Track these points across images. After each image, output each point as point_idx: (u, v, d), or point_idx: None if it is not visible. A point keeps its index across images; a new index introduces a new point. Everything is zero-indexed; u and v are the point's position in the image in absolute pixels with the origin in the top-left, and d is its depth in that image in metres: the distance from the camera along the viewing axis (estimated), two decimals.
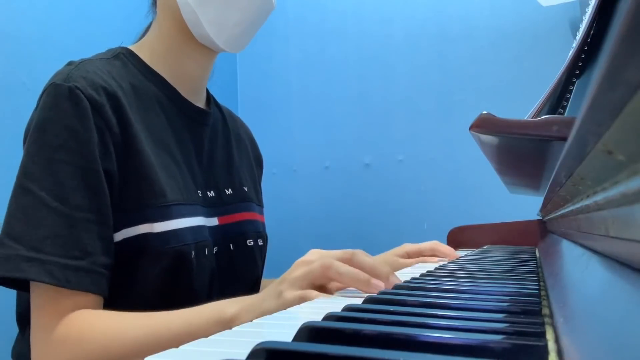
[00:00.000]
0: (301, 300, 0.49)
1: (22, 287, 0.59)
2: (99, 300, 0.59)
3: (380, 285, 0.49)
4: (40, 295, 0.56)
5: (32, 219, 0.56)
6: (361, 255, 0.52)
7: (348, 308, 0.35)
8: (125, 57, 0.70)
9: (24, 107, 0.63)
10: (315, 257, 0.52)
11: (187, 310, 0.55)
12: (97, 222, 0.58)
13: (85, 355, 0.53)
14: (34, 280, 0.55)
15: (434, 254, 0.87)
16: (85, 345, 0.54)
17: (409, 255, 0.89)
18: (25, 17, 1.31)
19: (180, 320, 0.54)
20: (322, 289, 0.54)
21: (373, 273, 0.50)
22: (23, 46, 1.30)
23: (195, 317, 0.54)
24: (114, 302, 0.60)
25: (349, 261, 0.51)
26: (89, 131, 0.59)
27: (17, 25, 1.29)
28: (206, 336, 0.51)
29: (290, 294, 0.49)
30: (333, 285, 0.53)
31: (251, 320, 0.49)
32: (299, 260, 0.54)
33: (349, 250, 0.52)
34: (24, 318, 0.67)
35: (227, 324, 0.51)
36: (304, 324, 0.28)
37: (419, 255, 0.89)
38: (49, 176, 0.57)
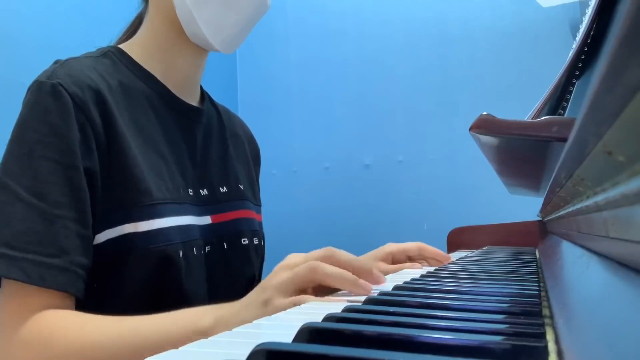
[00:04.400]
0: (294, 306, 0.47)
1: None
2: (72, 301, 0.57)
3: (368, 287, 0.48)
4: (10, 293, 0.55)
5: (7, 215, 0.54)
6: (341, 254, 0.51)
7: (348, 309, 0.35)
8: (114, 56, 0.70)
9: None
10: (297, 260, 0.51)
11: (158, 316, 0.53)
12: (75, 220, 0.57)
13: (53, 356, 0.52)
14: (5, 277, 0.54)
15: (421, 254, 0.81)
16: (55, 347, 0.52)
17: (394, 257, 0.81)
18: (25, 17, 1.31)
19: (152, 326, 0.52)
20: (302, 292, 0.53)
21: (357, 271, 0.50)
22: (23, 46, 1.30)
23: (170, 323, 0.52)
24: (101, 304, 0.58)
25: (331, 260, 0.50)
26: (70, 128, 0.58)
27: (17, 25, 1.29)
28: (179, 344, 0.49)
29: (281, 301, 0.48)
30: (311, 289, 0.52)
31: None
32: (280, 265, 0.52)
33: (328, 248, 0.51)
34: None
35: (202, 334, 0.49)
36: (304, 324, 0.28)
37: (404, 255, 0.82)
38: (27, 172, 0.56)
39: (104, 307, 0.57)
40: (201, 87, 0.82)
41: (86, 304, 0.59)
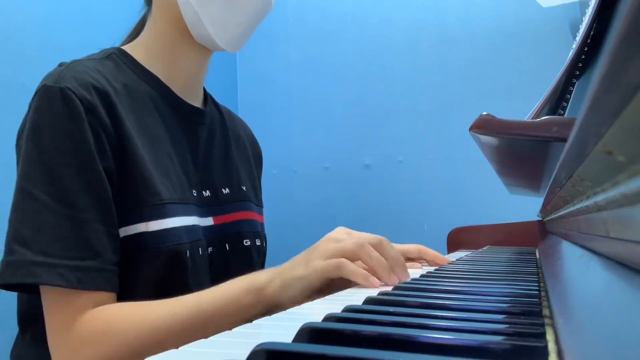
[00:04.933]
0: (335, 268, 0.52)
1: (30, 290, 0.59)
2: (113, 297, 0.59)
3: (396, 281, 0.54)
4: (54, 299, 0.56)
5: (38, 224, 0.56)
6: (387, 244, 0.57)
7: (348, 309, 0.35)
8: (117, 57, 0.70)
9: (24, 107, 0.63)
10: (344, 236, 0.56)
11: (216, 287, 0.57)
12: (102, 221, 0.58)
13: (117, 346, 0.54)
14: (47, 284, 0.55)
15: (420, 256, 0.83)
16: (115, 336, 0.54)
17: None
18: (25, 17, 1.31)
19: (211, 296, 0.55)
20: (327, 289, 0.55)
21: (393, 264, 0.55)
22: (23, 46, 1.30)
23: (227, 289, 0.55)
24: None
25: (377, 247, 0.55)
26: (84, 132, 0.59)
27: (17, 25, 1.29)
28: (243, 306, 0.53)
29: (320, 262, 0.53)
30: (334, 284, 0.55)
31: (282, 286, 0.53)
32: (327, 236, 0.57)
33: (377, 237, 0.57)
34: (25, 319, 0.67)
35: (259, 291, 0.54)
36: (304, 324, 0.28)
37: (404, 257, 0.84)
38: (51, 180, 0.57)
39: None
40: (204, 89, 0.82)
41: None
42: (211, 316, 0.54)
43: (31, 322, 0.65)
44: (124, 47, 0.73)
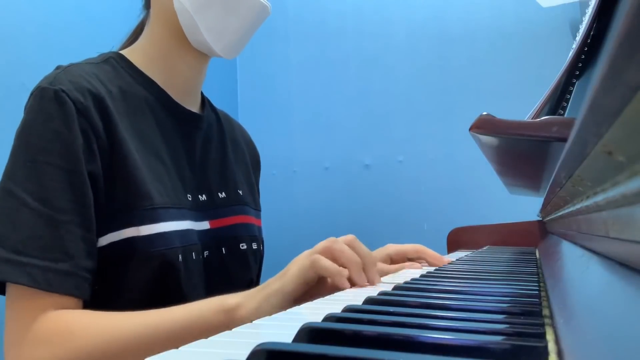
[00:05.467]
0: (309, 266, 0.52)
1: (2, 290, 0.58)
2: (79, 304, 0.58)
3: (363, 281, 0.54)
4: (17, 297, 0.56)
5: (13, 221, 0.55)
6: (359, 244, 0.57)
7: (348, 309, 0.35)
8: (115, 62, 0.70)
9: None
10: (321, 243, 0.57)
11: (187, 304, 0.55)
12: (80, 225, 0.58)
13: (72, 350, 0.52)
14: (13, 282, 0.54)
15: (419, 256, 0.82)
16: (77, 341, 0.53)
17: (392, 258, 0.83)
18: (25, 17, 1.31)
19: (182, 311, 0.54)
20: (318, 286, 0.55)
21: (364, 261, 0.56)
22: (23, 46, 1.30)
23: (196, 307, 0.54)
24: (101, 307, 0.59)
25: (350, 244, 0.56)
26: (74, 134, 0.58)
27: (17, 25, 1.29)
28: (209, 326, 0.51)
29: (295, 267, 0.53)
30: (328, 283, 0.56)
31: (256, 307, 0.52)
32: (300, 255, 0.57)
33: (350, 235, 0.57)
34: None
35: (229, 312, 0.52)
36: (303, 324, 0.28)
37: (403, 257, 0.83)
38: (32, 178, 0.56)
39: (103, 310, 0.57)
40: (202, 94, 0.82)
41: (86, 306, 0.59)
42: (179, 332, 0.52)
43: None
44: (122, 52, 0.73)
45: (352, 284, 0.54)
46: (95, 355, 0.52)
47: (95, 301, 0.60)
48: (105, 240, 0.61)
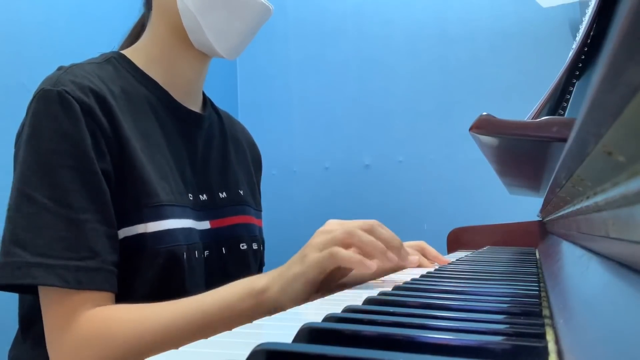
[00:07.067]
0: (329, 258, 0.52)
1: (29, 291, 0.59)
2: (112, 297, 0.59)
3: (395, 259, 0.54)
4: (52, 299, 0.57)
5: (36, 226, 0.56)
6: (379, 227, 0.56)
7: (348, 309, 0.35)
8: (116, 62, 0.71)
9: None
10: (335, 227, 0.56)
11: (215, 290, 0.57)
12: (101, 221, 0.59)
13: (116, 348, 0.54)
14: (45, 285, 0.55)
15: (421, 251, 0.82)
16: (115, 338, 0.54)
17: None
18: (25, 17, 1.31)
19: (211, 299, 0.55)
20: (327, 282, 0.55)
21: (388, 245, 0.55)
22: (23, 46, 1.30)
23: (228, 293, 0.55)
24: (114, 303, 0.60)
25: (369, 231, 0.55)
26: (82, 133, 0.59)
27: (17, 25, 1.29)
28: (240, 312, 0.53)
29: (315, 255, 0.53)
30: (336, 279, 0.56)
31: (282, 288, 0.53)
32: (319, 230, 0.57)
33: (368, 221, 0.56)
34: (26, 321, 0.67)
35: (259, 295, 0.54)
36: (304, 324, 0.28)
37: None
38: (49, 182, 0.57)
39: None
40: (203, 93, 0.82)
41: None
42: (211, 320, 0.54)
43: (33, 326, 0.65)
44: (124, 52, 0.74)
45: (378, 274, 0.55)
46: (137, 348, 0.54)
47: None
48: (119, 235, 0.62)
